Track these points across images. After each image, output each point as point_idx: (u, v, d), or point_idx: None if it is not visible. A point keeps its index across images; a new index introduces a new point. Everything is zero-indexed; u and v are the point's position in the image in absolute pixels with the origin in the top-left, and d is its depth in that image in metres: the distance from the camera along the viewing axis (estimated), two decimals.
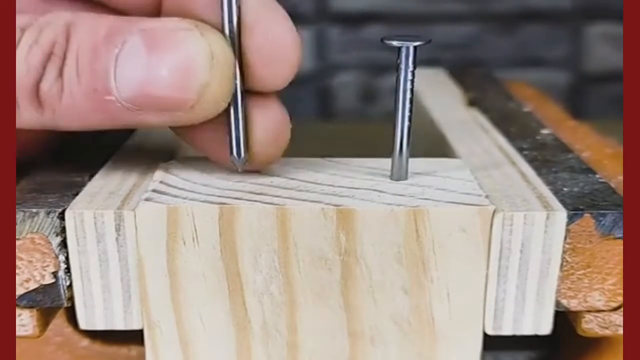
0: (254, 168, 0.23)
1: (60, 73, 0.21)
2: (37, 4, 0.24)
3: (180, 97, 0.21)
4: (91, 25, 0.21)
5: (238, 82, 0.22)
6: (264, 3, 0.22)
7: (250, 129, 0.23)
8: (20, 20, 0.21)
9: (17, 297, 0.21)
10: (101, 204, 0.22)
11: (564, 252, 0.22)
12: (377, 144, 0.27)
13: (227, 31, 0.21)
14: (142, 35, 0.21)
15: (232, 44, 0.21)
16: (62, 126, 0.22)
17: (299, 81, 0.23)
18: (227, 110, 0.22)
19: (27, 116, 0.21)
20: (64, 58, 0.21)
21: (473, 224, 0.21)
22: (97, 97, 0.21)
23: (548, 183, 0.24)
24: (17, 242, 0.21)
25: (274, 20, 0.22)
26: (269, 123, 0.23)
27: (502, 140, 0.29)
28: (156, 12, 0.23)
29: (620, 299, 0.22)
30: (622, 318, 0.22)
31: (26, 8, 0.24)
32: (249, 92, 0.22)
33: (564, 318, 0.23)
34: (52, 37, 0.21)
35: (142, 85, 0.20)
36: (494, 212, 0.21)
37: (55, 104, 0.21)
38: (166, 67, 0.20)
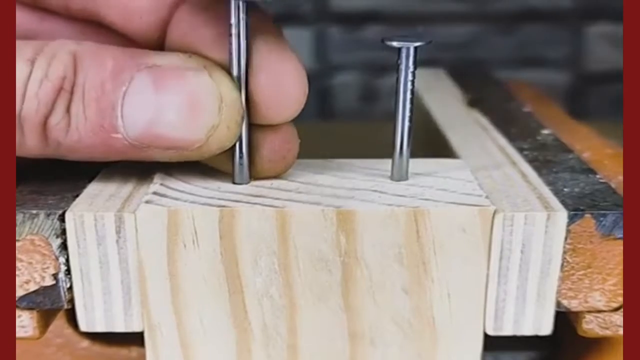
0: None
1: (68, 109, 0.21)
2: (38, 22, 0.24)
3: (188, 138, 0.21)
4: (97, 58, 0.21)
5: (244, 112, 0.22)
6: (271, 43, 0.22)
7: (258, 147, 0.23)
8: (25, 51, 0.21)
9: (17, 299, 0.21)
10: (101, 206, 0.22)
11: (564, 252, 0.22)
12: (377, 144, 0.27)
13: (234, 71, 0.21)
14: (150, 72, 0.21)
15: (239, 84, 0.21)
16: (65, 157, 0.22)
17: None
18: None
19: (30, 146, 0.21)
20: (72, 93, 0.21)
21: (473, 225, 0.21)
22: (103, 134, 0.21)
23: (548, 183, 0.24)
24: (17, 244, 0.21)
25: (280, 62, 0.22)
26: (276, 142, 0.23)
27: (502, 140, 0.29)
28: (160, 40, 0.23)
29: (621, 299, 0.22)
30: (622, 318, 0.22)
31: (27, 26, 0.24)
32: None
33: (564, 318, 0.23)
34: (61, 70, 0.21)
35: (150, 125, 0.21)
36: (495, 212, 0.21)
37: (61, 138, 0.21)
38: (174, 108, 0.21)
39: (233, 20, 0.21)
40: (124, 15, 0.23)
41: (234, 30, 0.21)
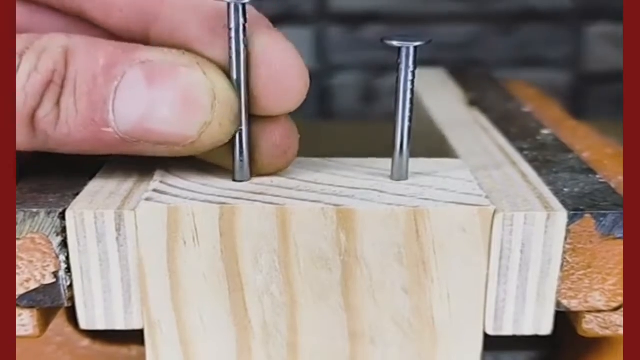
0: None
1: (58, 102, 0.21)
2: (30, 15, 0.24)
3: (181, 133, 0.21)
4: (89, 52, 0.21)
5: (243, 109, 0.22)
6: (270, 36, 0.22)
7: (258, 143, 0.23)
8: (15, 44, 0.21)
9: (17, 297, 0.21)
10: (102, 203, 0.22)
11: (564, 252, 0.22)
12: (377, 144, 0.27)
13: (234, 73, 0.21)
14: (142, 67, 0.21)
15: (239, 80, 0.21)
16: (53, 150, 0.22)
17: None
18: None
19: (19, 138, 0.21)
20: (62, 86, 0.21)
21: (473, 224, 0.21)
22: (94, 127, 0.21)
23: (548, 183, 0.24)
24: (18, 242, 0.21)
25: (279, 54, 0.21)
26: (277, 137, 0.23)
27: (502, 140, 0.29)
28: (144, 36, 0.23)
29: (621, 299, 0.22)
30: (622, 318, 0.22)
31: (18, 20, 0.24)
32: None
33: (564, 318, 0.23)
34: (51, 64, 0.20)
35: (142, 120, 0.21)
36: (495, 212, 0.21)
37: (50, 131, 0.21)
38: (167, 104, 0.20)
39: (233, 25, 0.21)
40: (104, 9, 0.23)
41: (233, 34, 0.21)
